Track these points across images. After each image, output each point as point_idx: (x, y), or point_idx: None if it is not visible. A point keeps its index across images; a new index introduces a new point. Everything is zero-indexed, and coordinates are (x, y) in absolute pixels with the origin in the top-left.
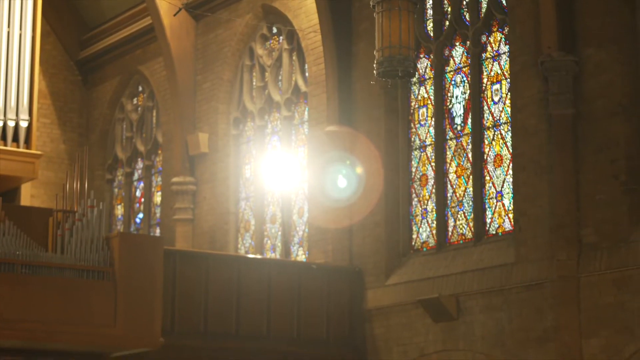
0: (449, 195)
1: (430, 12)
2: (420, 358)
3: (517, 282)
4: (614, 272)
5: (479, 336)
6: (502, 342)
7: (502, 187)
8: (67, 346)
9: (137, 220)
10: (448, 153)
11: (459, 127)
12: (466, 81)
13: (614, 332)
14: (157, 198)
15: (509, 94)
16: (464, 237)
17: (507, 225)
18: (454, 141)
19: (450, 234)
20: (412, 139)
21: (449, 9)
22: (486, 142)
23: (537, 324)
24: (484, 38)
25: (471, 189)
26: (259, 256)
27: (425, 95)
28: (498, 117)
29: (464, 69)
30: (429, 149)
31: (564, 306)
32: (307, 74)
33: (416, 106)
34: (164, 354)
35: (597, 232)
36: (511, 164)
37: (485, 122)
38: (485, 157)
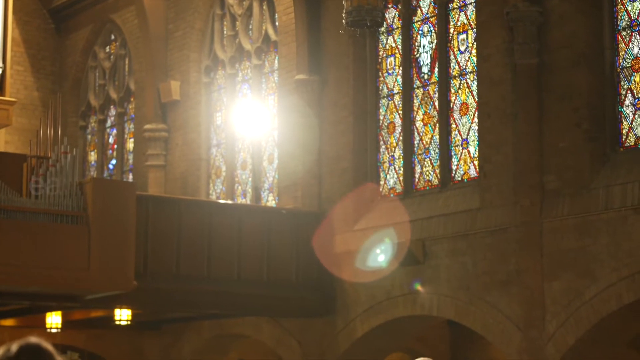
0: (415, 142)
1: None
2: (387, 301)
3: (481, 227)
4: (576, 218)
5: (444, 279)
6: (466, 285)
7: (468, 134)
8: (42, 289)
9: (110, 166)
10: (415, 101)
11: (425, 76)
12: (433, 31)
13: (575, 276)
14: (130, 145)
15: (474, 43)
16: (430, 184)
17: (472, 172)
18: (421, 90)
19: (416, 180)
20: (380, 87)
21: None
22: (452, 90)
23: (500, 267)
24: None
25: (437, 136)
26: (229, 201)
27: (393, 45)
28: (464, 67)
29: (431, 19)
30: (397, 98)
31: (527, 250)
32: (277, 23)
33: (384, 55)
34: (137, 296)
35: (560, 179)
36: (477, 112)
37: (451, 71)
38: (451, 106)
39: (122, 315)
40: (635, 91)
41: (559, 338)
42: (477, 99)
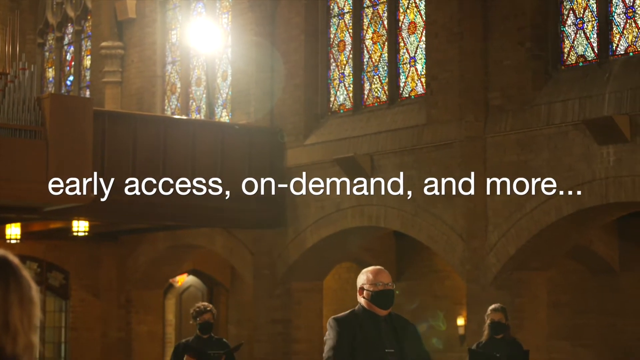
0: (365, 60)
1: None
2: (336, 213)
3: (427, 142)
4: (518, 133)
5: (391, 192)
6: (413, 198)
7: (416, 52)
8: (1, 201)
9: (68, 82)
10: (365, 20)
11: None
12: None
13: (516, 189)
14: (87, 62)
15: None
16: (378, 100)
17: (420, 89)
18: (371, 9)
19: (365, 96)
20: (331, 6)
21: None
22: (401, 10)
23: (445, 181)
24: None
25: (386, 54)
26: (184, 117)
27: None
28: None
29: None
30: (347, 17)
31: (471, 164)
32: None
33: None
34: (94, 208)
35: (503, 96)
36: (424, 31)
37: None
38: (400, 25)
39: (80, 227)
40: (577, 11)
41: (501, 248)
42: (424, 18)
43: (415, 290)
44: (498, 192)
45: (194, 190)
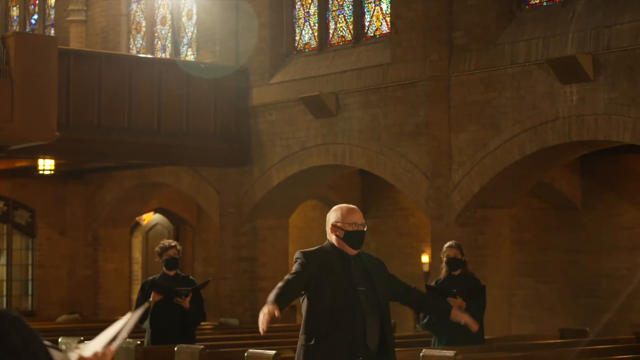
0: None
1: None
2: (302, 151)
3: (392, 81)
4: (482, 72)
5: (356, 130)
6: (377, 136)
7: None
8: None
9: (32, 21)
10: None
11: None
12: None
13: (480, 127)
14: (51, 0)
15: None
16: (343, 39)
17: (385, 28)
18: None
19: (331, 35)
20: None
21: None
22: None
23: (410, 119)
24: None
25: None
26: (149, 56)
27: None
28: None
29: None
30: None
31: (436, 103)
32: None
33: None
34: (60, 146)
35: (468, 35)
36: None
37: None
38: None
39: (46, 165)
40: None
41: (464, 186)
42: None
43: (380, 228)
44: (462, 131)
45: (160, 129)
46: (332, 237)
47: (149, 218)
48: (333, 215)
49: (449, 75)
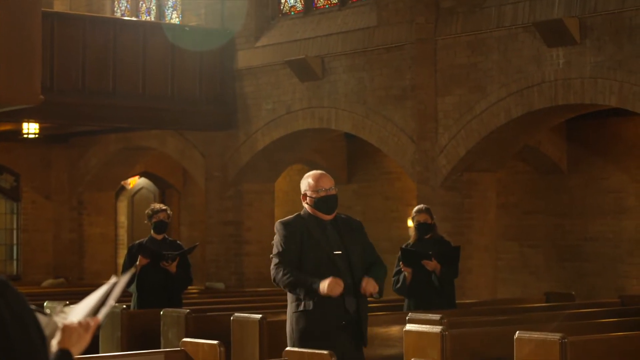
0: None
1: None
2: (287, 115)
3: (378, 44)
4: (469, 35)
5: (342, 94)
6: (363, 100)
7: None
8: None
9: None
10: None
11: None
12: None
13: (467, 91)
14: None
15: None
16: (329, 2)
17: None
18: None
19: None
20: None
21: None
22: None
23: (396, 83)
24: None
25: None
26: (134, 19)
27: None
28: None
29: None
30: None
31: (422, 67)
32: None
33: None
34: (44, 109)
35: None
36: None
37: None
38: None
39: (30, 129)
40: None
41: (451, 150)
42: None
43: (365, 192)
44: (448, 94)
45: (145, 92)
46: (305, 206)
47: (134, 182)
48: (303, 185)
49: (435, 39)
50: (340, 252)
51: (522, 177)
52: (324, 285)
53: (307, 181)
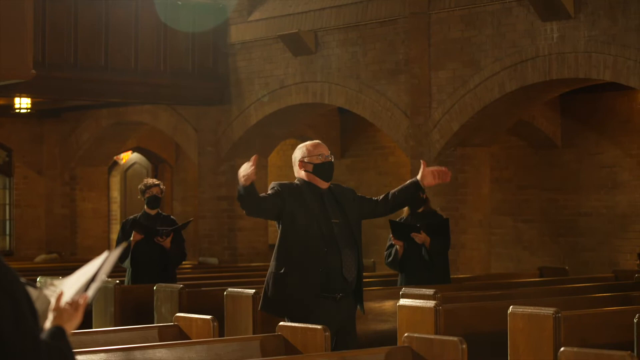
0: None
1: None
2: (280, 90)
3: (371, 18)
4: (462, 9)
5: (335, 68)
6: (356, 74)
7: None
8: None
9: None
10: None
11: None
12: None
13: (460, 65)
14: None
15: None
16: None
17: None
18: None
19: None
20: None
21: None
22: None
23: (389, 57)
24: None
25: None
26: None
27: None
28: None
29: None
30: None
31: (415, 41)
32: None
33: None
34: (36, 84)
35: None
36: None
37: None
38: None
39: (22, 104)
40: None
41: (444, 124)
42: None
43: (359, 167)
44: (442, 69)
45: (137, 67)
46: (301, 174)
47: (127, 157)
48: (299, 153)
49: (428, 13)
50: (338, 220)
51: (516, 152)
52: (239, 176)
53: (303, 149)
